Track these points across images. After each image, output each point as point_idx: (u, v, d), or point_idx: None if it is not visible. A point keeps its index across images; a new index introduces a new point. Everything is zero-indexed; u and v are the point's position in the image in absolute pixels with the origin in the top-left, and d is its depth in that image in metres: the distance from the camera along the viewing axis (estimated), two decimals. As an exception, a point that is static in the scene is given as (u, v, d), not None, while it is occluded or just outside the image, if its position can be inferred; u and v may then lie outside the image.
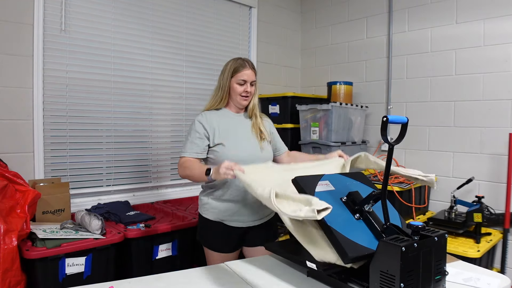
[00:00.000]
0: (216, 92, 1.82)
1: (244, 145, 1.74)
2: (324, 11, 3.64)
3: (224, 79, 1.77)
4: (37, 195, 1.92)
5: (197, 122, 1.74)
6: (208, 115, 1.77)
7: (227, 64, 1.80)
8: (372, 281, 1.05)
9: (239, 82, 1.75)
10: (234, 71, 1.75)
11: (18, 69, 2.19)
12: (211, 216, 1.74)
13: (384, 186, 1.19)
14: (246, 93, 1.76)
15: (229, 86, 1.77)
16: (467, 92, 2.71)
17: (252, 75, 1.77)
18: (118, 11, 2.58)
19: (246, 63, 1.76)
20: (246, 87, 1.76)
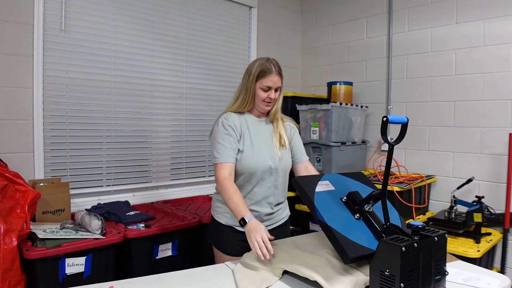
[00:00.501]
0: (241, 94, 1.71)
1: (262, 154, 1.66)
2: (324, 11, 3.64)
3: (249, 82, 1.66)
4: (37, 195, 1.92)
5: (227, 125, 1.64)
6: (233, 118, 1.68)
7: (253, 64, 1.67)
8: (372, 281, 1.05)
9: (263, 88, 1.64)
10: (260, 75, 1.63)
11: (18, 69, 2.19)
12: (222, 220, 1.71)
13: (384, 186, 1.19)
14: (269, 99, 1.66)
15: (254, 90, 1.66)
16: (467, 92, 2.71)
17: (278, 81, 1.66)
18: (118, 11, 2.58)
19: (273, 68, 1.64)
20: (270, 94, 1.65)
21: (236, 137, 1.64)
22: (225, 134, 1.63)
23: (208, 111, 3.13)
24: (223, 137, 1.63)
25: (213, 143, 1.66)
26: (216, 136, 1.65)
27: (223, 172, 1.58)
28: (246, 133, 1.67)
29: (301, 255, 1.32)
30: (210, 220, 1.83)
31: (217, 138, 1.64)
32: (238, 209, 1.48)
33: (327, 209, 1.27)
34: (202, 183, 3.11)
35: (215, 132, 1.66)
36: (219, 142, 1.62)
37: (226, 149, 1.61)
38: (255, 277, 1.27)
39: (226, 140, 1.62)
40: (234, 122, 1.66)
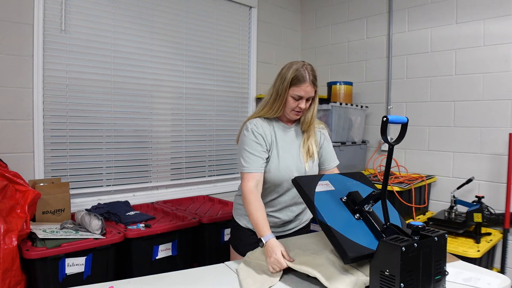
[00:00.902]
0: (273, 100, 1.58)
1: (288, 166, 1.60)
2: (324, 11, 3.64)
3: (283, 88, 1.55)
4: (37, 195, 1.92)
5: (257, 133, 1.56)
6: (263, 125, 1.59)
7: (288, 68, 1.56)
8: (372, 281, 1.05)
9: (294, 96, 1.54)
10: (293, 82, 1.53)
11: (18, 69, 2.19)
12: (242, 222, 1.71)
13: (384, 186, 1.19)
14: (299, 108, 1.56)
15: (286, 97, 1.55)
16: (467, 92, 2.71)
17: (311, 91, 1.54)
18: (118, 11, 2.58)
19: (307, 76, 1.53)
20: (300, 103, 1.55)
21: (265, 146, 1.57)
22: (254, 142, 1.55)
23: (208, 111, 3.13)
24: (252, 145, 1.55)
25: (241, 150, 1.57)
26: (244, 143, 1.56)
27: (250, 184, 1.50)
28: (274, 143, 1.60)
29: (302, 254, 1.32)
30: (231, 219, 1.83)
31: (245, 146, 1.55)
32: (257, 227, 1.42)
33: (327, 209, 1.27)
34: (202, 183, 3.11)
35: (244, 139, 1.57)
36: (247, 151, 1.54)
37: (255, 158, 1.54)
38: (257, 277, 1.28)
39: (255, 148, 1.55)
40: (264, 130, 1.58)
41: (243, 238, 1.71)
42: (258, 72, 3.46)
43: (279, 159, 1.59)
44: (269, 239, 1.36)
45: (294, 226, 1.75)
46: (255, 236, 1.66)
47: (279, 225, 1.70)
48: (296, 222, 1.75)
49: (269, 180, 1.60)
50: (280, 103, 1.56)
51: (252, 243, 1.66)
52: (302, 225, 1.79)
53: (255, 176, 1.52)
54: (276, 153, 1.60)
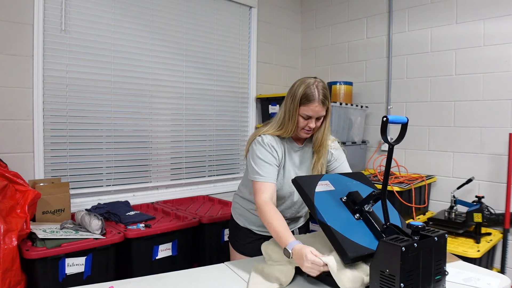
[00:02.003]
0: (287, 120, 1.53)
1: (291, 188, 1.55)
2: (324, 11, 3.64)
3: (293, 108, 1.50)
4: (37, 195, 1.92)
5: (269, 144, 1.52)
6: (276, 140, 1.55)
7: (299, 85, 1.50)
8: (372, 281, 1.06)
9: (303, 115, 1.50)
10: (302, 102, 1.48)
11: (18, 69, 2.19)
12: (240, 222, 1.72)
13: (384, 186, 1.19)
14: (309, 127, 1.52)
15: (297, 116, 1.50)
16: (467, 92, 2.71)
17: (321, 110, 1.49)
18: (118, 11, 2.58)
19: (316, 95, 1.47)
20: (309, 122, 1.51)
21: (278, 159, 1.54)
22: (269, 154, 1.51)
23: (208, 111, 3.13)
24: (265, 154, 1.50)
25: (253, 159, 1.52)
26: (259, 153, 1.51)
27: (264, 196, 1.45)
28: (283, 161, 1.57)
29: None
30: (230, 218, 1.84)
31: (259, 154, 1.51)
32: (279, 237, 1.33)
33: (327, 209, 1.27)
34: (202, 183, 3.11)
35: (258, 149, 1.52)
36: (263, 160, 1.50)
37: (271, 168, 1.49)
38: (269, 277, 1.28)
39: (270, 159, 1.50)
40: (277, 147, 1.55)
41: (242, 237, 1.72)
42: (258, 72, 3.46)
43: (285, 177, 1.58)
44: (293, 246, 1.25)
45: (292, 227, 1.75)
46: (254, 235, 1.69)
47: None
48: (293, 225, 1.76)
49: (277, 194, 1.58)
50: (293, 124, 1.52)
51: (251, 242, 1.68)
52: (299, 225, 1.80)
53: (270, 187, 1.47)
54: (283, 171, 1.57)
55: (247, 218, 1.71)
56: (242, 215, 1.73)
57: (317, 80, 1.51)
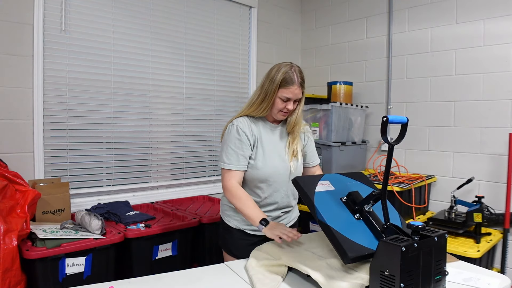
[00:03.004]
0: (260, 99, 1.60)
1: (274, 164, 1.63)
2: (324, 11, 3.64)
3: (272, 90, 1.56)
4: (37, 195, 1.92)
5: (240, 130, 1.58)
6: (248, 122, 1.62)
7: (278, 70, 1.57)
8: (372, 281, 1.06)
9: (282, 98, 1.56)
10: (282, 84, 1.55)
11: (18, 69, 2.19)
12: (232, 224, 1.71)
13: (384, 186, 1.19)
14: (286, 109, 1.60)
15: (273, 98, 1.57)
16: (467, 92, 2.71)
17: (299, 93, 1.57)
18: (118, 11, 2.58)
19: (295, 78, 1.55)
20: (287, 104, 1.58)
21: (249, 145, 1.60)
22: (238, 140, 1.58)
23: (208, 111, 3.13)
24: (235, 143, 1.58)
25: (224, 147, 1.61)
26: (228, 140, 1.60)
27: (232, 181, 1.56)
28: (259, 141, 1.63)
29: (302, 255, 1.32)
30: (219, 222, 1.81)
31: (229, 143, 1.59)
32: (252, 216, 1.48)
33: (327, 209, 1.27)
34: (202, 183, 3.11)
35: (228, 136, 1.60)
36: (231, 148, 1.58)
37: (238, 156, 1.57)
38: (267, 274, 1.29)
39: (239, 146, 1.58)
40: (248, 129, 1.61)
41: (235, 240, 1.70)
42: (258, 72, 3.46)
43: (265, 157, 1.62)
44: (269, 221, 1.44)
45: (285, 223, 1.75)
46: (248, 237, 1.68)
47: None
48: (284, 221, 1.75)
49: (255, 178, 1.62)
50: (268, 103, 1.59)
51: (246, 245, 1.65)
52: (291, 223, 1.79)
53: (237, 174, 1.58)
54: (262, 151, 1.63)
55: (240, 219, 1.69)
56: (232, 216, 1.71)
57: (294, 65, 1.60)
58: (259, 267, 1.35)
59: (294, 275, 1.32)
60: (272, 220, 1.68)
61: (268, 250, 1.42)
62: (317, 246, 1.42)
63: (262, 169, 1.61)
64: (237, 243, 1.69)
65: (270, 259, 1.36)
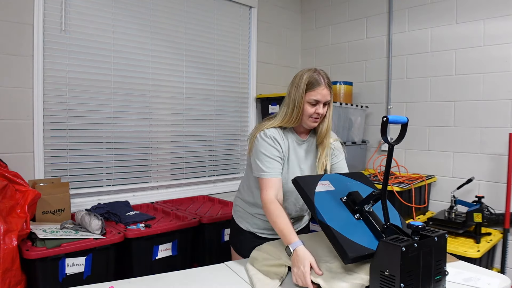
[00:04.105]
0: (291, 110, 1.52)
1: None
2: (324, 11, 3.64)
3: (299, 96, 1.50)
4: (37, 195, 1.92)
5: (273, 139, 1.51)
6: (279, 133, 1.55)
7: (301, 76, 1.51)
8: (372, 281, 1.06)
9: (311, 101, 1.49)
10: (308, 87, 1.49)
11: (18, 69, 2.19)
12: (243, 225, 1.70)
13: (384, 186, 1.19)
14: (317, 114, 1.51)
15: (303, 104, 1.50)
16: (467, 92, 2.71)
17: (327, 94, 1.50)
18: (118, 11, 2.58)
19: (322, 79, 1.49)
20: (317, 108, 1.50)
21: (281, 153, 1.53)
22: (272, 148, 1.50)
23: (208, 111, 3.13)
24: (269, 149, 1.50)
25: (257, 155, 1.51)
26: (262, 148, 1.50)
27: (270, 192, 1.45)
28: (287, 154, 1.56)
29: None
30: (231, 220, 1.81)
31: (263, 150, 1.49)
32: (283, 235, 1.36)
33: (327, 209, 1.27)
34: (202, 183, 3.11)
35: (262, 144, 1.51)
36: (265, 154, 1.49)
37: (274, 162, 1.49)
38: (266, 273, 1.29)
39: (273, 152, 1.50)
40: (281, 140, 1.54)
41: (246, 242, 1.68)
42: (258, 72, 3.46)
43: (289, 172, 1.56)
44: (297, 246, 1.28)
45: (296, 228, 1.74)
46: (259, 239, 1.66)
47: None
48: (295, 225, 1.74)
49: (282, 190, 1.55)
50: (298, 111, 1.51)
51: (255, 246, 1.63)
52: (302, 226, 1.79)
53: (275, 182, 1.47)
54: (287, 165, 1.56)
55: (251, 222, 1.68)
56: (245, 219, 1.70)
57: (318, 68, 1.54)
58: (259, 267, 1.35)
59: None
60: None
61: (268, 250, 1.42)
62: (317, 246, 1.42)
63: (284, 181, 1.55)
64: (248, 245, 1.66)
65: (270, 259, 1.36)
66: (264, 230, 1.68)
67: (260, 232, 1.69)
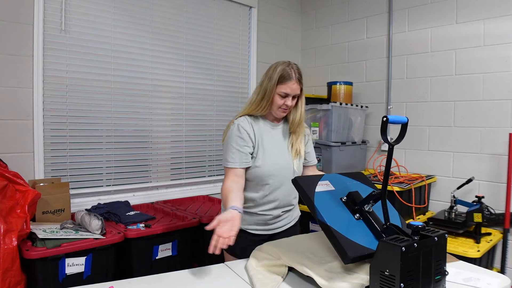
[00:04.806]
0: (260, 97, 1.63)
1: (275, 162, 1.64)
2: (324, 11, 3.64)
3: (270, 87, 1.60)
4: (37, 195, 1.92)
5: (241, 128, 1.60)
6: (249, 121, 1.64)
7: (275, 68, 1.62)
8: (372, 281, 1.05)
9: (281, 94, 1.59)
10: (280, 80, 1.59)
11: (18, 69, 2.19)
12: None
13: (384, 186, 1.19)
14: (286, 106, 1.62)
15: (272, 95, 1.60)
16: (467, 92, 2.71)
17: (297, 88, 1.61)
18: (118, 11, 2.58)
19: (293, 74, 1.59)
20: (286, 100, 1.61)
21: (251, 142, 1.61)
22: (239, 138, 1.59)
23: (208, 111, 3.13)
24: (237, 141, 1.59)
25: (226, 146, 1.62)
26: (230, 140, 1.61)
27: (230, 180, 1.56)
28: (260, 140, 1.64)
29: (302, 255, 1.32)
30: None
31: (231, 142, 1.60)
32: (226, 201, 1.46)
33: (327, 209, 1.27)
34: (202, 183, 3.11)
35: (230, 135, 1.62)
36: (233, 147, 1.59)
37: (240, 154, 1.58)
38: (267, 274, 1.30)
39: (241, 144, 1.59)
40: (250, 127, 1.63)
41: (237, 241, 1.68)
42: (258, 72, 3.46)
43: (265, 155, 1.63)
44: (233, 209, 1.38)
45: (284, 224, 1.75)
46: (249, 236, 1.68)
47: (268, 222, 1.70)
48: (285, 220, 1.75)
49: (257, 175, 1.62)
50: (267, 101, 1.62)
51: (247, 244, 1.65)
52: (292, 223, 1.79)
53: (237, 173, 1.58)
54: (263, 150, 1.63)
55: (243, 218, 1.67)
56: None
57: (291, 62, 1.64)
58: (259, 267, 1.35)
59: (294, 275, 1.32)
60: (273, 219, 1.69)
61: (268, 250, 1.42)
62: (317, 246, 1.42)
63: (262, 167, 1.61)
64: (238, 242, 1.68)
65: (270, 259, 1.36)
66: (254, 225, 1.69)
67: (250, 229, 1.69)
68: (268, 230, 1.71)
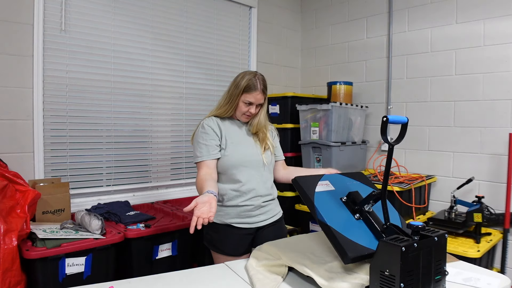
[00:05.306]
0: (226, 102, 1.77)
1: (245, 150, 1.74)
2: (324, 11, 3.64)
3: (235, 94, 1.73)
4: (37, 195, 1.92)
5: (206, 126, 1.72)
6: (214, 120, 1.76)
7: (242, 77, 1.74)
8: (372, 281, 1.06)
9: (246, 102, 1.71)
10: (245, 90, 1.70)
11: (18, 69, 2.19)
12: (217, 219, 1.71)
13: (384, 186, 1.19)
14: (249, 113, 1.74)
15: (237, 101, 1.73)
16: (467, 92, 2.71)
17: (261, 98, 1.73)
18: (118, 11, 2.58)
19: (258, 85, 1.71)
20: (250, 108, 1.73)
21: (216, 135, 1.71)
22: (204, 134, 1.70)
23: (208, 111, 3.11)
24: (202, 136, 1.70)
25: (194, 144, 1.73)
26: (197, 137, 1.73)
27: (202, 172, 1.63)
28: (227, 134, 1.74)
29: (302, 255, 1.32)
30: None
31: (198, 139, 1.71)
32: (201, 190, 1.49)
33: (327, 209, 1.27)
34: (202, 183, 3.10)
35: (197, 133, 1.74)
36: (199, 142, 1.69)
37: (207, 147, 1.68)
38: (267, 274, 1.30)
39: (206, 138, 1.69)
40: (215, 124, 1.74)
41: (221, 236, 1.71)
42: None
43: (234, 144, 1.72)
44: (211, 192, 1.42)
45: (267, 217, 1.77)
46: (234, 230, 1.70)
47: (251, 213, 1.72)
48: (269, 213, 1.77)
49: (228, 164, 1.68)
50: (231, 106, 1.74)
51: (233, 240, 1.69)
52: (276, 218, 1.81)
53: (209, 163, 1.66)
54: (231, 141, 1.72)
55: (222, 213, 1.71)
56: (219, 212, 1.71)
57: (258, 73, 1.76)
58: (259, 267, 1.35)
59: (294, 275, 1.32)
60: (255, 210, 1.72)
61: (268, 250, 1.42)
62: (317, 246, 1.42)
63: (231, 154, 1.69)
64: (224, 239, 1.71)
65: (270, 259, 1.36)
66: (237, 218, 1.70)
67: (234, 222, 1.70)
68: (253, 223, 1.73)
